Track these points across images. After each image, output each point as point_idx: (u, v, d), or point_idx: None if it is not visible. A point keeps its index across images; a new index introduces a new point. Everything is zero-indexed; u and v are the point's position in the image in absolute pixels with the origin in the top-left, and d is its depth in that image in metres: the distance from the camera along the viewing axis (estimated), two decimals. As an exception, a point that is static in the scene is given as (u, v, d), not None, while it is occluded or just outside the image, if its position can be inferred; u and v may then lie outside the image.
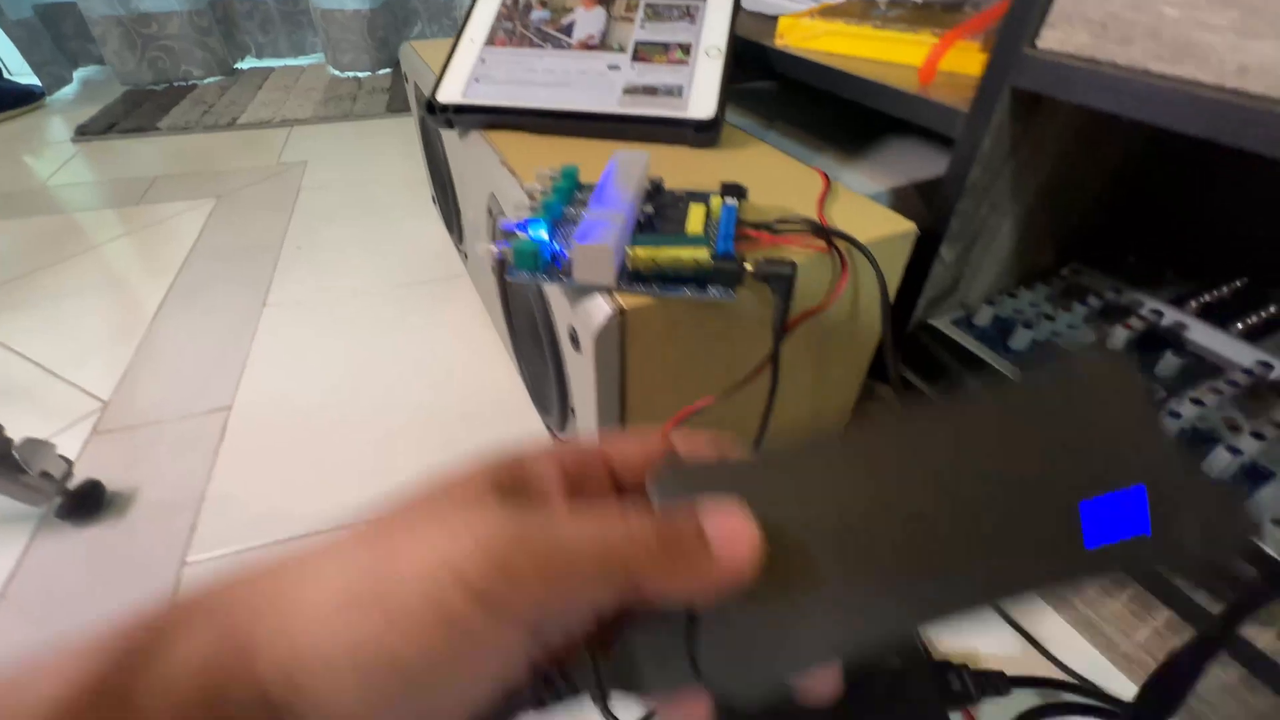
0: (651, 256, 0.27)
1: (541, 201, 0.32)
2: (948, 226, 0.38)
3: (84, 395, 0.56)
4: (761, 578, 0.14)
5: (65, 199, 0.92)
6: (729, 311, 0.30)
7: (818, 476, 0.16)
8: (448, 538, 0.13)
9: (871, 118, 0.59)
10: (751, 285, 0.29)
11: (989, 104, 0.33)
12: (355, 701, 0.12)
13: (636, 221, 0.32)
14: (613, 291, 0.28)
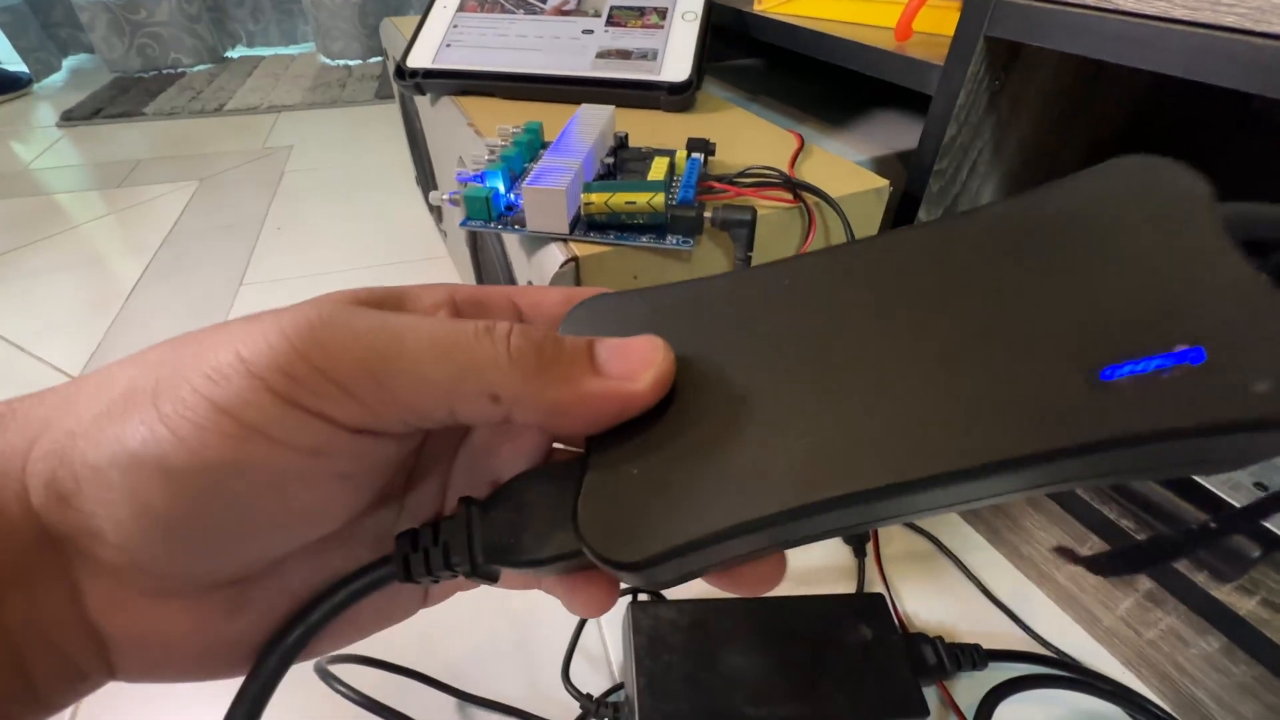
0: (607, 201, 0.26)
1: (500, 154, 0.31)
2: (925, 188, 0.37)
3: (53, 371, 0.55)
4: (670, 420, 0.12)
5: (47, 181, 0.91)
6: (689, 262, 0.29)
7: (769, 304, 0.13)
8: (253, 327, 0.11)
9: (856, 93, 0.58)
10: (712, 234, 0.28)
11: (964, 55, 0.32)
12: (128, 517, 0.10)
13: (597, 173, 0.31)
14: (567, 240, 0.27)
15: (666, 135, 0.37)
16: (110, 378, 0.11)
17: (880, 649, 0.30)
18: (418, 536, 0.13)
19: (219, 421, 0.10)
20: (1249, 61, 0.23)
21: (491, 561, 0.12)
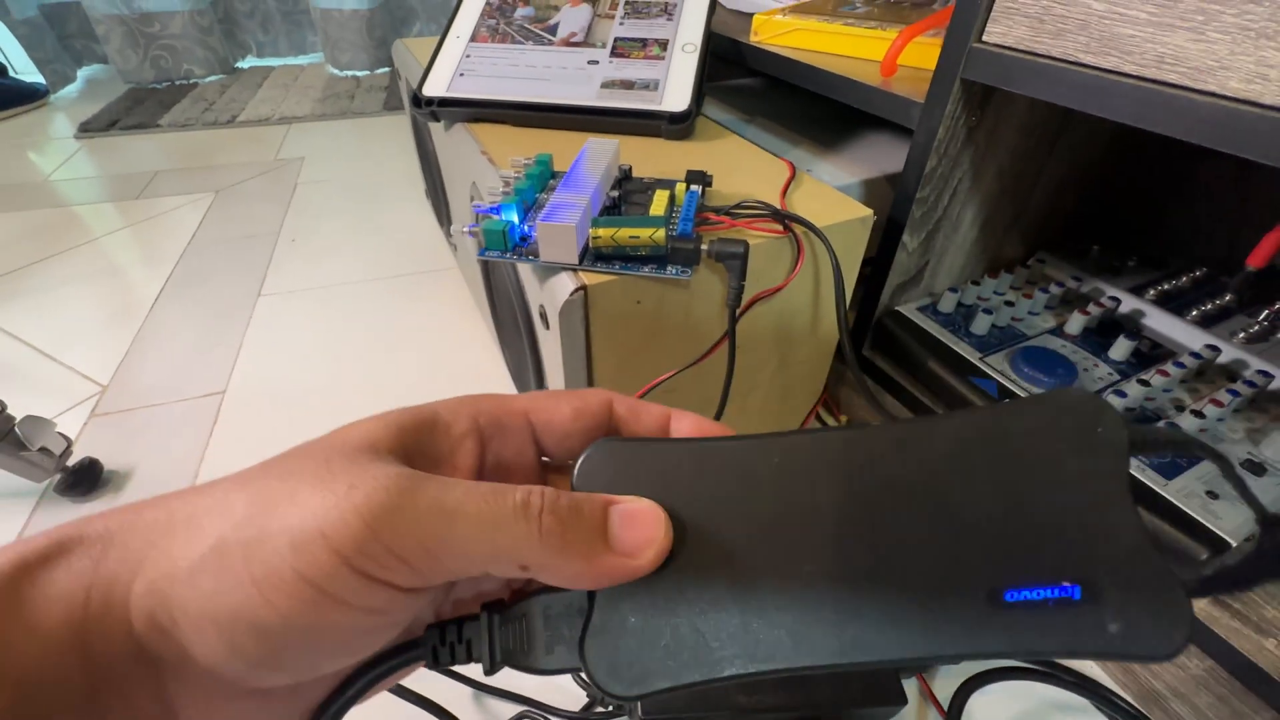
0: (612, 235, 0.29)
1: (515, 186, 0.33)
2: (909, 214, 0.40)
3: (83, 379, 0.58)
4: (666, 575, 0.14)
5: (67, 193, 0.94)
6: (688, 290, 0.32)
7: (756, 478, 0.15)
8: (326, 498, 0.13)
9: (849, 114, 0.60)
10: (708, 265, 0.31)
11: (943, 95, 0.35)
12: (220, 655, 0.12)
13: (603, 205, 0.33)
14: (577, 270, 0.30)
15: (669, 164, 0.40)
16: (199, 525, 0.13)
17: None
18: (445, 632, 0.15)
19: (304, 590, 0.12)
20: (1187, 114, 0.26)
21: (505, 663, 0.15)
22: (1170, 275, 0.47)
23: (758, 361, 0.39)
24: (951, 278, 0.48)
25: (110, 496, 0.47)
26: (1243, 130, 0.24)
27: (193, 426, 0.52)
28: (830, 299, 0.38)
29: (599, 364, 0.33)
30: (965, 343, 0.42)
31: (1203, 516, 0.31)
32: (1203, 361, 0.39)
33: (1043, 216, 0.49)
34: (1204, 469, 0.33)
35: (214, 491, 0.14)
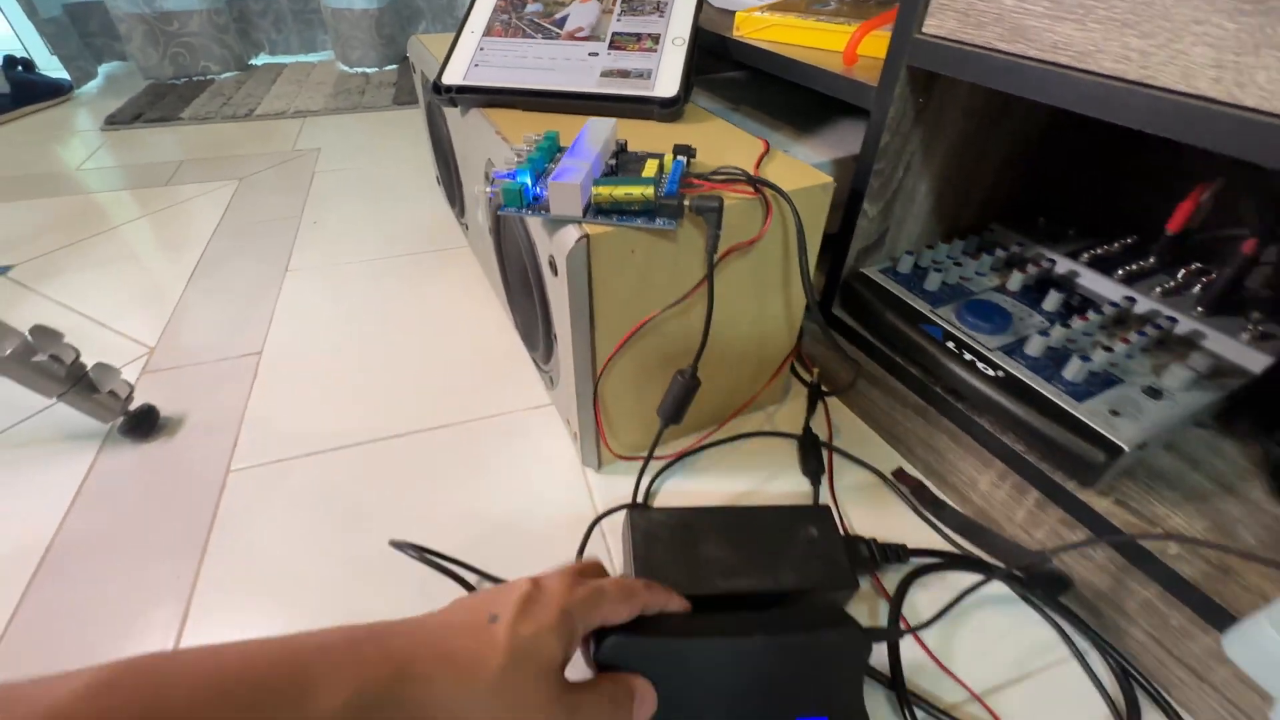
0: (610, 193, 0.35)
1: (527, 157, 0.39)
2: (867, 185, 0.46)
3: (133, 343, 0.64)
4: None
5: (97, 182, 1.00)
6: (674, 242, 0.38)
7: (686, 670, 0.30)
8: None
9: (823, 103, 0.67)
10: (691, 220, 0.37)
11: (892, 79, 0.41)
12: None
13: (604, 171, 0.39)
14: (580, 223, 0.36)
15: (658, 142, 0.46)
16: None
17: (825, 544, 0.38)
18: None
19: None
20: (1075, 88, 0.32)
21: None
22: (1104, 242, 0.53)
23: (736, 314, 0.45)
24: (910, 243, 0.54)
25: (166, 439, 0.53)
26: (1114, 101, 0.30)
27: (235, 381, 0.59)
28: (794, 259, 0.44)
29: (600, 305, 0.39)
30: (918, 297, 0.48)
31: (1104, 429, 0.37)
32: (1120, 310, 0.46)
33: (991, 191, 0.55)
34: (1111, 394, 0.39)
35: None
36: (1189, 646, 0.34)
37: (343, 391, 0.57)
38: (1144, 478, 0.39)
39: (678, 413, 0.42)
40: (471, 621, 0.23)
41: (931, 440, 0.47)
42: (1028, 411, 0.39)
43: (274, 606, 0.41)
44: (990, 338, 0.44)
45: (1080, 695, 0.36)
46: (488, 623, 0.23)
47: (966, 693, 0.36)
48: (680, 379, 0.41)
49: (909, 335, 0.46)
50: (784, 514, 0.40)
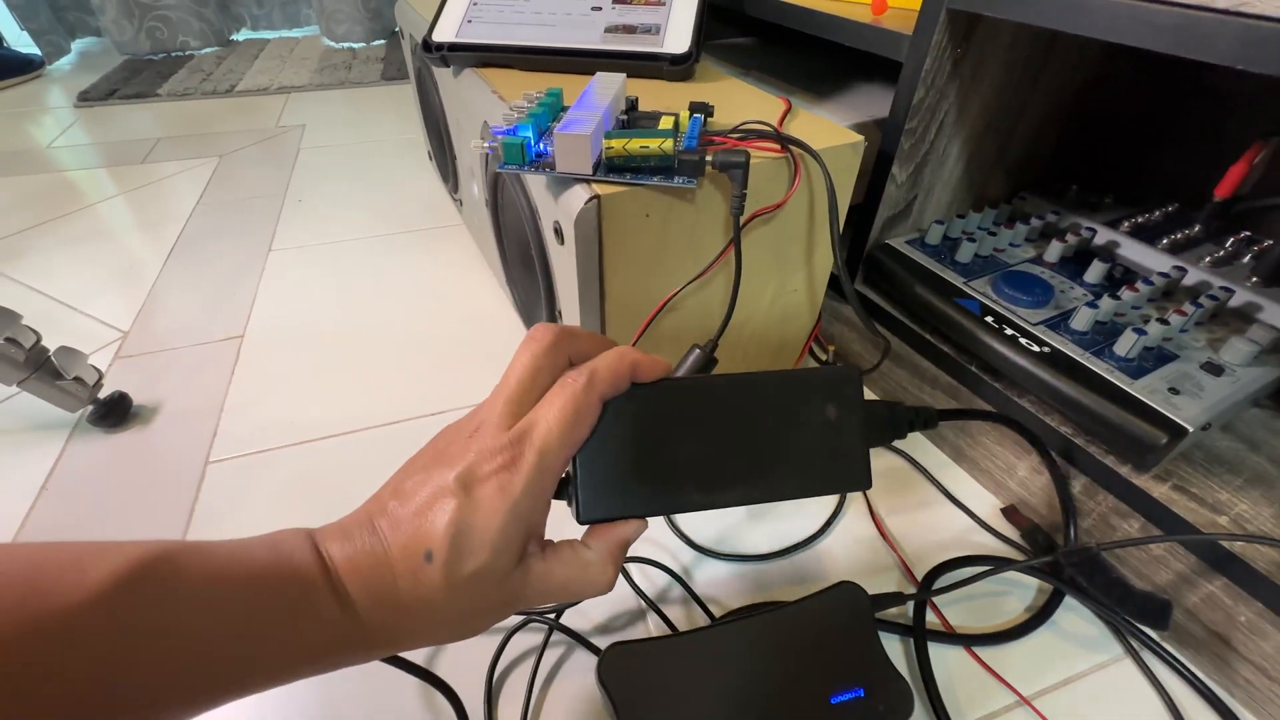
0: (624, 145, 0.31)
1: (529, 112, 0.36)
2: (897, 146, 0.42)
3: (105, 326, 0.60)
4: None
5: (69, 159, 0.94)
6: (693, 204, 0.34)
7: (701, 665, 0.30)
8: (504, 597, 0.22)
9: (840, 67, 0.62)
10: (713, 176, 0.33)
11: (929, 25, 0.37)
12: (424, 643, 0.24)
13: (614, 124, 0.35)
14: (590, 182, 0.32)
15: (670, 101, 0.42)
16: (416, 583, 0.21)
17: (842, 430, 0.27)
18: None
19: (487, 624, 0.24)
20: (1148, 22, 0.28)
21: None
22: (1144, 210, 0.49)
23: (757, 287, 0.41)
24: (938, 213, 0.50)
25: (140, 428, 0.49)
26: (1197, 34, 0.27)
27: (215, 366, 0.55)
28: (824, 227, 0.40)
29: (610, 278, 0.35)
30: (950, 270, 0.45)
31: (1163, 407, 0.34)
32: (1170, 281, 0.42)
33: (1025, 155, 0.51)
34: (1168, 370, 0.36)
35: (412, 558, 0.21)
36: (1259, 645, 0.31)
37: (329, 377, 0.53)
38: (1202, 461, 0.36)
39: None
40: (410, 567, 0.21)
41: (964, 423, 0.44)
42: (1078, 390, 0.36)
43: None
44: (1032, 311, 0.41)
45: (1135, 697, 0.33)
46: (425, 562, 0.20)
47: (1013, 695, 0.33)
48: (699, 352, 0.37)
49: (942, 310, 0.43)
50: (798, 387, 0.27)
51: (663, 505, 0.25)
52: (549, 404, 0.22)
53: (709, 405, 0.25)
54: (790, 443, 0.26)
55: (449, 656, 0.35)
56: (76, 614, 0.16)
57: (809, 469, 0.26)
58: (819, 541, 0.41)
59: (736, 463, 0.26)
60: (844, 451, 0.27)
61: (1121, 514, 0.36)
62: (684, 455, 0.25)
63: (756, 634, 0.31)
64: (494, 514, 0.20)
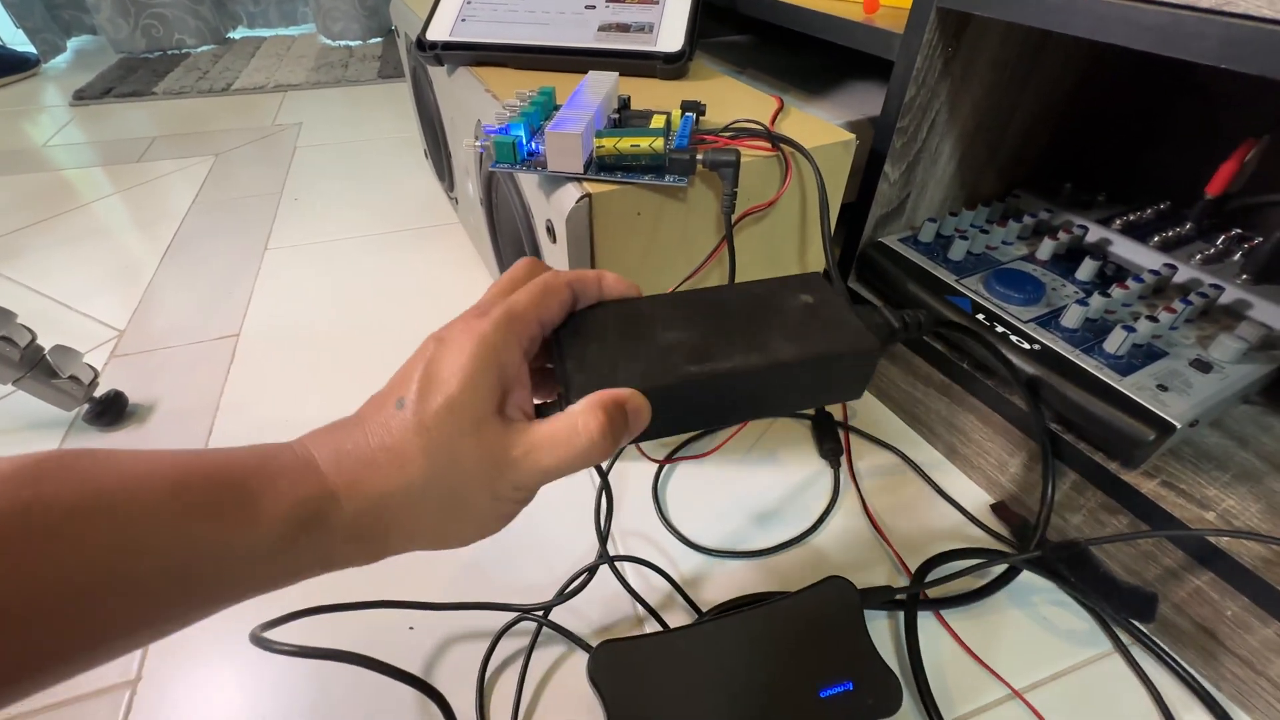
0: (615, 144, 0.31)
1: (521, 110, 0.36)
2: (890, 144, 0.43)
3: (100, 325, 0.60)
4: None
5: (65, 158, 0.94)
6: (684, 203, 0.34)
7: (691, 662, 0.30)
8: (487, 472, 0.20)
9: (833, 66, 0.63)
10: (704, 177, 0.34)
11: (920, 23, 0.38)
12: (410, 548, 0.21)
13: (606, 124, 0.36)
14: (581, 180, 0.32)
15: (663, 99, 0.42)
16: (399, 468, 0.20)
17: (825, 307, 0.25)
18: None
19: (489, 522, 0.22)
20: (1135, 22, 0.28)
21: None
22: (1136, 208, 0.50)
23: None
24: (931, 211, 0.50)
25: (136, 426, 0.49)
26: (1182, 33, 0.27)
27: (210, 365, 0.55)
28: (816, 225, 0.40)
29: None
30: (943, 267, 0.45)
31: (1153, 405, 0.34)
32: (1160, 278, 0.42)
33: (1017, 153, 0.51)
34: (1157, 367, 0.37)
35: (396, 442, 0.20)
36: (1245, 638, 0.32)
37: (325, 376, 0.54)
38: (1191, 457, 0.36)
39: None
40: (382, 418, 0.20)
41: (955, 420, 0.44)
42: (1068, 387, 0.36)
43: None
44: (1023, 309, 0.41)
45: (1124, 689, 0.34)
46: (396, 410, 0.20)
47: (997, 681, 0.33)
48: None
49: (934, 308, 0.43)
50: (768, 286, 0.26)
51: (658, 376, 0.22)
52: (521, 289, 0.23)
53: (687, 305, 0.25)
54: (776, 321, 0.24)
55: (440, 658, 0.35)
56: None
57: (803, 335, 0.24)
58: (813, 537, 0.41)
59: (727, 339, 0.24)
60: (834, 321, 0.24)
61: (1110, 510, 0.36)
62: (671, 339, 0.24)
63: (746, 629, 0.32)
64: (461, 350, 0.20)
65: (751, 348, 0.23)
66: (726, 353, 0.23)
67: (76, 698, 0.33)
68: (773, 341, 0.23)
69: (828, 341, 0.24)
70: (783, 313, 0.25)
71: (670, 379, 0.22)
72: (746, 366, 0.23)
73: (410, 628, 0.36)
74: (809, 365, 0.23)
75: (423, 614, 0.36)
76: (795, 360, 0.23)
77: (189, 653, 0.35)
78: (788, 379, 0.24)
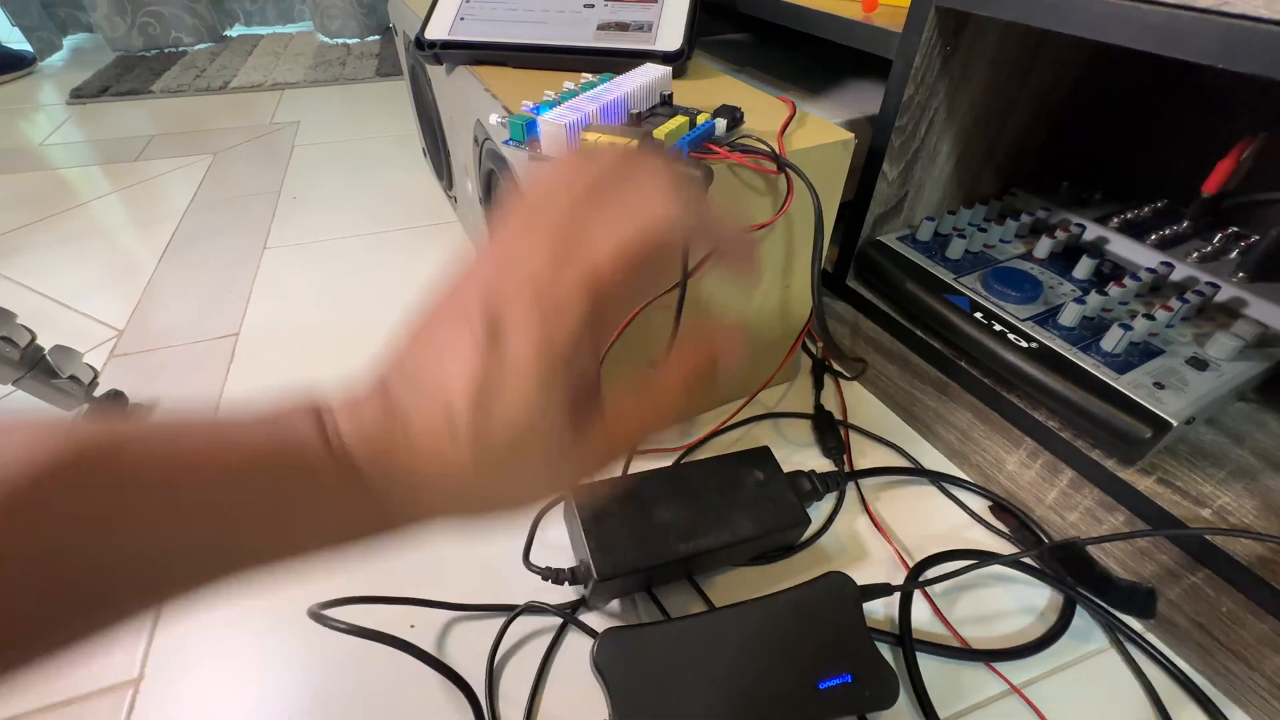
0: (596, 139, 0.31)
1: (560, 94, 0.36)
2: (888, 143, 0.43)
3: (99, 325, 0.60)
4: None
5: (62, 157, 0.94)
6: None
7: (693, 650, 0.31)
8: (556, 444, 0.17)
9: (832, 64, 0.63)
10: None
11: (919, 22, 0.38)
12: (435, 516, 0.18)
13: (624, 120, 0.36)
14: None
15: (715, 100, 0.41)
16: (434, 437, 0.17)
17: (772, 485, 0.38)
18: None
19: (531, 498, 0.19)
20: (1136, 21, 0.28)
21: None
22: (1133, 206, 0.50)
23: (737, 294, 0.42)
24: (929, 209, 0.50)
25: (136, 426, 0.49)
26: (1180, 33, 0.27)
27: (210, 364, 0.55)
28: (803, 249, 0.41)
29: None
30: (941, 266, 0.45)
31: (1149, 402, 0.34)
32: (1157, 277, 0.43)
33: (1015, 152, 0.51)
34: (1154, 365, 0.37)
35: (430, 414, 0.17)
36: (1240, 634, 0.32)
37: (325, 374, 0.54)
38: (1186, 454, 0.37)
39: None
40: (432, 442, 0.16)
41: (953, 418, 0.45)
42: (1065, 385, 0.37)
43: (257, 634, 0.38)
44: (1020, 307, 0.41)
45: (1121, 685, 0.34)
46: (444, 426, 0.16)
47: (1003, 682, 0.34)
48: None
49: (932, 306, 0.43)
50: (728, 462, 0.40)
51: (659, 554, 0.34)
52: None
53: (672, 485, 0.38)
54: (737, 498, 0.37)
55: (453, 639, 0.35)
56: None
57: (758, 513, 0.37)
58: (818, 540, 0.41)
59: (703, 517, 0.36)
60: (778, 499, 0.38)
61: (1107, 507, 0.37)
62: (664, 518, 0.36)
63: (747, 620, 0.32)
64: (526, 359, 0.16)
65: (723, 527, 0.36)
66: (705, 530, 0.35)
67: (80, 697, 0.34)
68: (736, 518, 0.36)
69: (775, 517, 0.37)
70: (742, 488, 0.38)
71: (669, 556, 0.34)
72: (720, 543, 0.35)
73: (411, 625, 0.36)
74: (761, 536, 0.36)
75: (423, 610, 0.36)
76: (753, 535, 0.36)
77: (199, 647, 0.35)
78: (745, 544, 0.36)
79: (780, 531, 0.37)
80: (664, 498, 0.37)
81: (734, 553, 0.37)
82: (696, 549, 0.35)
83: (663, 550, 0.34)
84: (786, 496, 0.38)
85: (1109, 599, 0.35)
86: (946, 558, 0.39)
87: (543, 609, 0.36)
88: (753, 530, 0.36)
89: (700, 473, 0.39)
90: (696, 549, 0.35)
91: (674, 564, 0.35)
